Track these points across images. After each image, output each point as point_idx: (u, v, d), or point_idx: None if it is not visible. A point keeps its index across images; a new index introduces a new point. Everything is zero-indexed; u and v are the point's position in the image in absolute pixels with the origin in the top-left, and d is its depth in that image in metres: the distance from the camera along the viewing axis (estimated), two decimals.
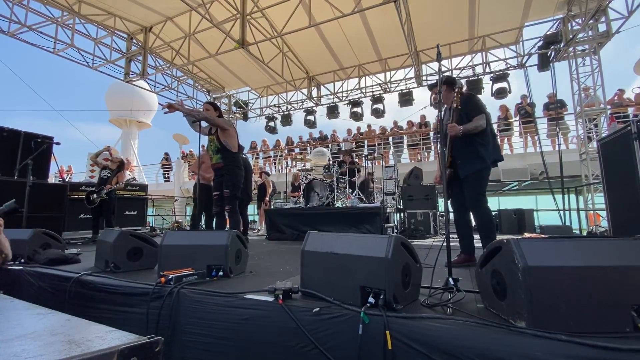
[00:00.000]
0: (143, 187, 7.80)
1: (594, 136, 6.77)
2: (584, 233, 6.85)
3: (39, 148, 4.86)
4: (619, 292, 1.22)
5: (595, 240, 1.45)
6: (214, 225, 4.18)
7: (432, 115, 10.64)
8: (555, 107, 8.30)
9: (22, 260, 2.85)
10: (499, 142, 2.87)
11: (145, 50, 8.02)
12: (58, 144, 5.46)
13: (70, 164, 16.72)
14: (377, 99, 9.29)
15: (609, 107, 7.13)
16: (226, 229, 3.58)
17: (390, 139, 11.63)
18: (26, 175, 4.41)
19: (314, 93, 9.92)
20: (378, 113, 9.25)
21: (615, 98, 8.06)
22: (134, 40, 8.07)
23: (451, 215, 2.77)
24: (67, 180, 13.26)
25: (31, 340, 0.58)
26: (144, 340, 0.57)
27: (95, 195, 5.38)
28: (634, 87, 8.54)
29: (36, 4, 6.60)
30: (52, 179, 6.69)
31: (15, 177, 4.87)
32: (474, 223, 2.84)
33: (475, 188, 2.67)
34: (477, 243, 2.70)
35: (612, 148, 3.69)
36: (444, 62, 8.28)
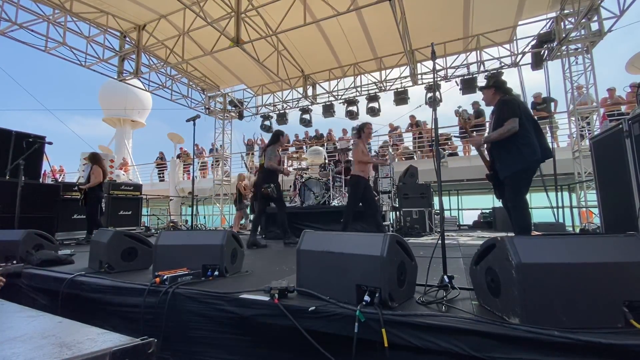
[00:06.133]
0: (137, 187, 7.74)
1: (587, 134, 6.84)
2: (577, 230, 6.93)
3: (30, 148, 4.79)
4: (611, 289, 1.24)
5: (587, 238, 1.47)
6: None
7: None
8: (542, 107, 8.38)
9: (15, 262, 2.81)
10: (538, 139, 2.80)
11: (138, 48, 7.93)
12: (50, 143, 5.39)
13: (62, 164, 16.56)
14: (372, 98, 9.29)
15: (602, 109, 7.23)
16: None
17: (387, 138, 11.67)
18: (18, 176, 4.34)
19: (310, 92, 9.90)
20: (374, 112, 9.25)
21: (608, 99, 8.16)
22: (127, 39, 7.98)
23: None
24: (59, 180, 13.12)
25: (21, 343, 0.57)
26: (136, 342, 0.56)
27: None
28: (625, 86, 8.63)
29: (27, 2, 6.50)
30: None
31: (7, 177, 4.81)
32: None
33: (509, 190, 2.75)
34: None
35: (605, 146, 3.73)
36: (438, 60, 8.31)
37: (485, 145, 2.99)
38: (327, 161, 8.28)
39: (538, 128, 2.77)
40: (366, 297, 1.47)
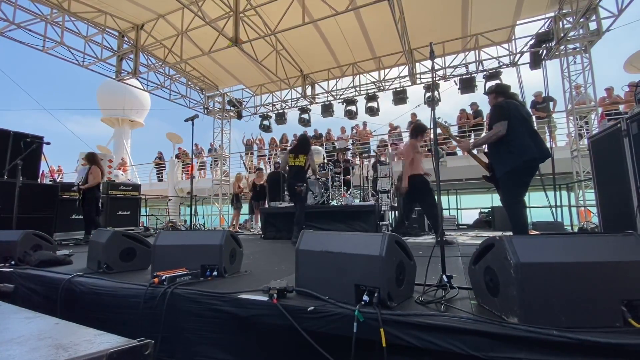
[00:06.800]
0: (136, 187, 7.72)
1: (585, 133, 6.86)
2: (575, 229, 6.94)
3: (28, 148, 4.77)
4: (610, 288, 1.24)
5: (586, 237, 1.47)
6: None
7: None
8: (542, 106, 8.39)
9: (13, 262, 2.80)
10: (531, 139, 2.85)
11: (137, 48, 7.91)
12: (48, 143, 5.36)
13: (61, 164, 16.54)
14: (371, 97, 9.29)
15: (600, 108, 7.24)
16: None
17: (387, 137, 11.68)
18: (16, 176, 4.33)
19: (309, 91, 9.89)
20: (372, 111, 9.26)
21: (606, 98, 8.19)
22: (126, 38, 7.96)
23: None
24: (58, 180, 13.09)
25: (17, 345, 0.57)
26: (133, 343, 0.56)
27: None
28: (624, 85, 8.64)
29: (25, 1, 6.47)
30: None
31: (5, 177, 4.79)
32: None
33: (502, 190, 2.87)
34: None
35: (603, 145, 3.74)
36: (437, 60, 8.32)
37: (485, 147, 3.07)
38: (326, 161, 8.28)
39: (532, 130, 2.81)
40: (365, 297, 1.47)
